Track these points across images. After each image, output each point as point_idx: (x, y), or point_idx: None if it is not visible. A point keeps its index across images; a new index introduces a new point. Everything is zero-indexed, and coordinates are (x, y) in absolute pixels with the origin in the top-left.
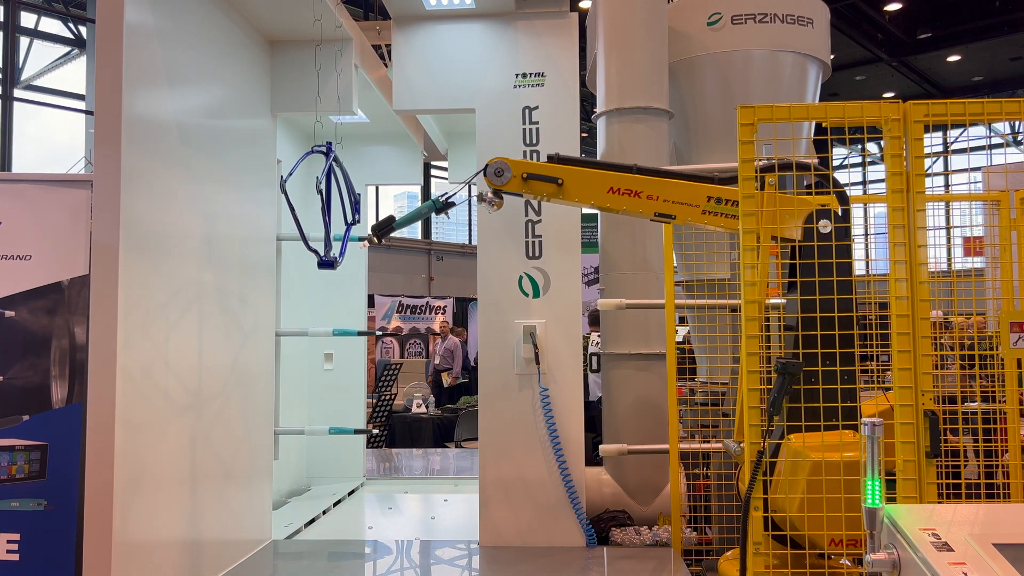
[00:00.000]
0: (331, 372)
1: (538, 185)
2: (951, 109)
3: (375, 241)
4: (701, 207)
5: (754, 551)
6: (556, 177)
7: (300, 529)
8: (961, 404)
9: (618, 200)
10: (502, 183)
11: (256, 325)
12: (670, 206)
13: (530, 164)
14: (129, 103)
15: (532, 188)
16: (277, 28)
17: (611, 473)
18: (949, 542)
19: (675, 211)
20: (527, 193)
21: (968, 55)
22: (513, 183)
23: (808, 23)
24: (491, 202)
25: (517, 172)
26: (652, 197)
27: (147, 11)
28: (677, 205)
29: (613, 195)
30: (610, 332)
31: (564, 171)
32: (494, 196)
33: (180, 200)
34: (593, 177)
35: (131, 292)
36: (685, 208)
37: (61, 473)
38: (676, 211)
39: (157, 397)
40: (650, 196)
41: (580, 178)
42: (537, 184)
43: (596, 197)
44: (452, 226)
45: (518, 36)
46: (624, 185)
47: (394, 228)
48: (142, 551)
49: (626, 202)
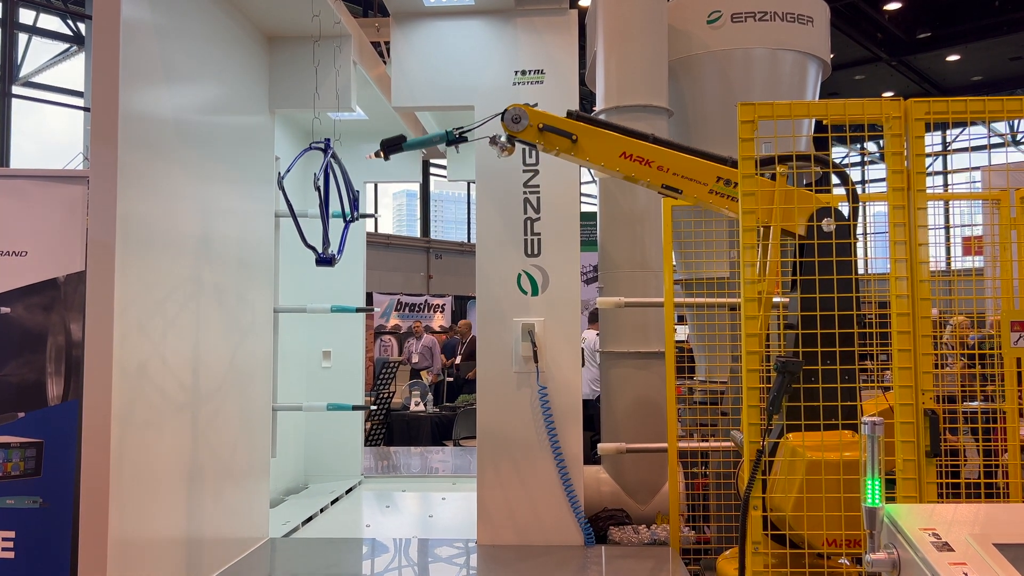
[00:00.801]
0: (329, 369)
1: (553, 138)
2: (952, 107)
3: (382, 156)
4: (709, 186)
5: (753, 551)
6: (571, 133)
7: (298, 527)
8: (961, 403)
9: (628, 166)
10: (518, 130)
11: (253, 322)
12: (678, 180)
13: (548, 115)
14: (126, 99)
15: (547, 140)
16: (275, 24)
17: (609, 472)
18: (949, 542)
19: (682, 185)
20: (541, 143)
21: (967, 55)
22: (529, 132)
23: (808, 21)
24: (503, 147)
25: (534, 121)
26: (662, 168)
27: (144, 7)
28: (685, 180)
29: (624, 160)
30: (609, 331)
31: (580, 128)
32: (506, 142)
33: (177, 197)
34: (608, 139)
35: (128, 289)
36: (693, 184)
37: (57, 470)
38: (683, 185)
39: (154, 394)
40: (660, 167)
41: (595, 137)
42: (552, 136)
43: (607, 159)
44: (450, 224)
45: (517, 33)
46: (637, 152)
47: (403, 148)
48: (138, 549)
49: (636, 168)
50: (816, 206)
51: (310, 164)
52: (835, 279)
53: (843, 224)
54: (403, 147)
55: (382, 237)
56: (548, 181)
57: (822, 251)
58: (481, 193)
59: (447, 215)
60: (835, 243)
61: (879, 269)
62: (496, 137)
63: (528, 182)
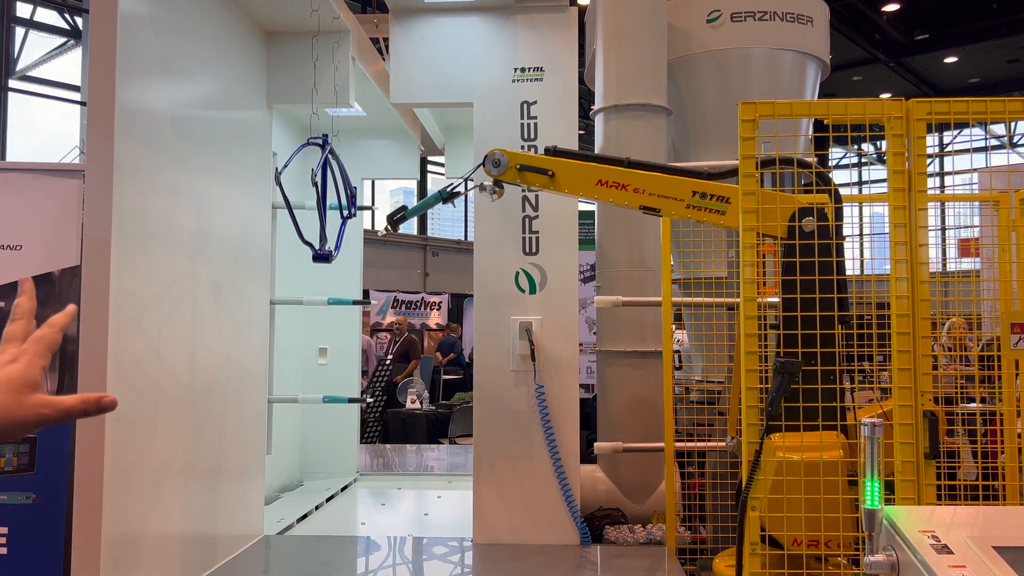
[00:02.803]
0: (325, 367)
1: (531, 176)
2: (954, 108)
3: (391, 230)
4: (686, 201)
5: (751, 551)
6: (547, 169)
7: (292, 524)
8: (958, 405)
9: (606, 192)
10: (499, 173)
11: (250, 319)
12: (655, 199)
13: (524, 155)
14: (123, 93)
15: (526, 179)
16: (274, 19)
17: (605, 471)
18: (949, 544)
19: (660, 204)
20: (522, 183)
21: (965, 57)
22: (509, 173)
23: (808, 21)
24: (491, 191)
25: (512, 163)
26: (638, 190)
27: (142, 1)
28: (662, 199)
29: (601, 187)
30: (606, 329)
31: (555, 163)
32: (494, 186)
33: (174, 191)
34: (582, 169)
35: (123, 284)
36: (670, 202)
37: (50, 466)
38: (661, 204)
39: (149, 390)
40: (636, 189)
41: (570, 170)
42: (530, 175)
43: (585, 188)
44: (448, 222)
45: (517, 30)
46: (612, 178)
47: (406, 217)
48: (132, 545)
49: (613, 194)
50: (796, 207)
51: (308, 160)
52: (817, 279)
53: (824, 225)
54: (406, 215)
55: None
56: None
57: (804, 251)
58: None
59: (444, 212)
60: (817, 244)
61: (877, 270)
62: (483, 184)
63: None
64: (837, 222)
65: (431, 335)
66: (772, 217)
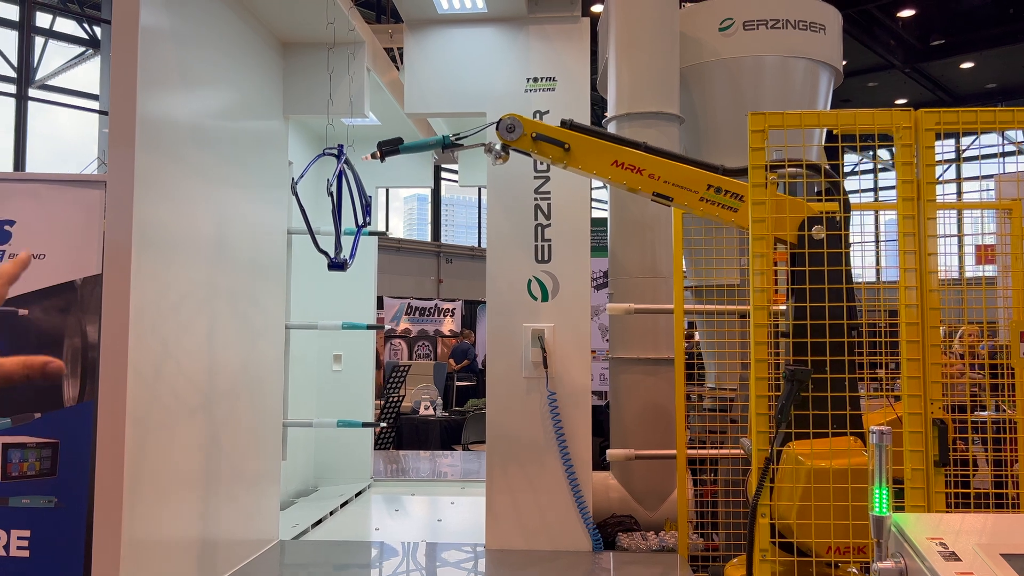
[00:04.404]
0: (340, 373)
1: (546, 147)
2: (963, 117)
3: (379, 157)
4: (700, 194)
5: (760, 558)
6: (564, 142)
7: (307, 530)
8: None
9: (620, 174)
10: (512, 139)
11: (266, 326)
12: (669, 187)
13: (541, 124)
14: (143, 104)
15: (540, 149)
16: (290, 31)
17: (618, 478)
18: (957, 552)
19: (673, 193)
20: (535, 152)
21: (982, 62)
22: (523, 141)
23: (820, 29)
24: (497, 155)
25: (528, 131)
26: (654, 176)
27: (162, 13)
28: (676, 188)
29: (616, 168)
30: (619, 337)
31: (572, 137)
32: (500, 150)
33: (192, 201)
34: (600, 147)
35: (143, 292)
36: (684, 192)
37: (71, 471)
38: (674, 193)
39: (167, 397)
40: (652, 175)
41: (587, 146)
42: (545, 145)
43: (600, 167)
44: (461, 229)
45: (529, 40)
46: (628, 160)
47: (400, 151)
48: (150, 549)
49: (627, 177)
50: (806, 214)
51: (323, 169)
52: (826, 288)
53: (833, 234)
54: (400, 150)
55: (393, 241)
56: (559, 188)
57: (813, 259)
58: (492, 199)
59: (458, 219)
60: (826, 252)
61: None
62: (491, 145)
63: (539, 188)
64: (845, 231)
65: (444, 341)
66: (783, 222)
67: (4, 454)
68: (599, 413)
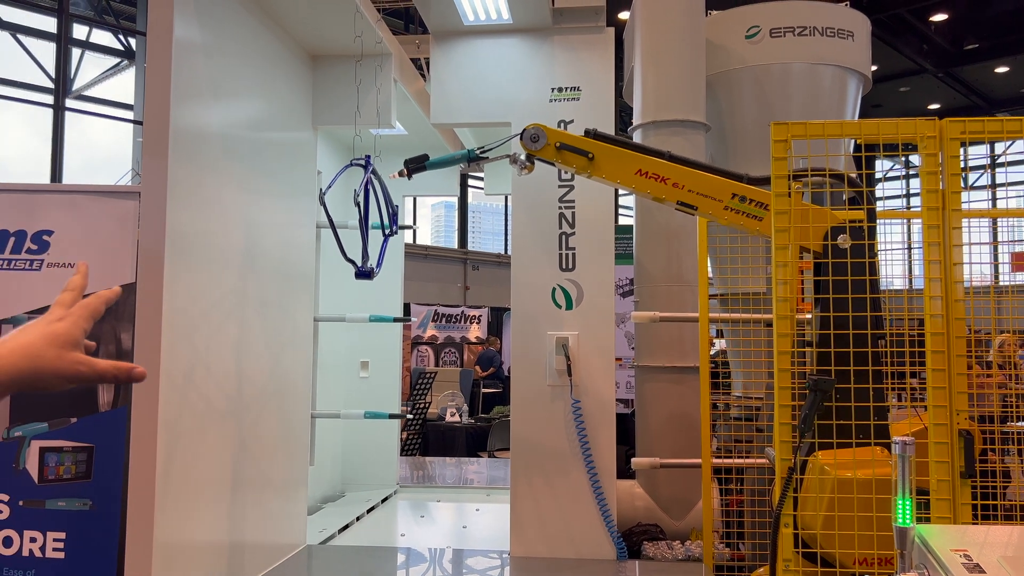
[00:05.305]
0: (367, 380)
1: (569, 156)
2: (988, 127)
3: (406, 175)
4: (724, 203)
5: (784, 568)
6: (587, 151)
7: (334, 535)
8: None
9: (644, 183)
10: (536, 148)
11: (294, 334)
12: (693, 196)
13: (564, 134)
14: (177, 116)
15: (564, 158)
16: (319, 43)
17: (644, 486)
18: (981, 564)
19: (698, 202)
20: (559, 162)
21: (1017, 66)
22: (547, 151)
23: (848, 36)
24: (522, 165)
25: (552, 140)
26: (678, 185)
27: (195, 27)
28: (700, 196)
29: (640, 177)
30: (645, 345)
31: (596, 146)
32: (526, 160)
33: (224, 210)
34: (624, 156)
35: (175, 300)
36: (708, 201)
37: (106, 474)
38: (699, 202)
39: (199, 402)
40: (676, 184)
41: (611, 155)
42: (569, 155)
43: (624, 176)
44: (488, 235)
45: (554, 51)
46: (652, 169)
47: (426, 168)
48: (181, 552)
49: (651, 186)
50: (831, 223)
51: (351, 179)
52: (850, 297)
53: (858, 243)
54: (426, 166)
55: (420, 248)
56: (583, 197)
57: (837, 268)
58: (517, 208)
59: (485, 226)
60: (850, 261)
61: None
62: (515, 155)
63: (563, 197)
64: (871, 240)
65: (471, 348)
66: (807, 231)
67: (41, 458)
68: (625, 421)
